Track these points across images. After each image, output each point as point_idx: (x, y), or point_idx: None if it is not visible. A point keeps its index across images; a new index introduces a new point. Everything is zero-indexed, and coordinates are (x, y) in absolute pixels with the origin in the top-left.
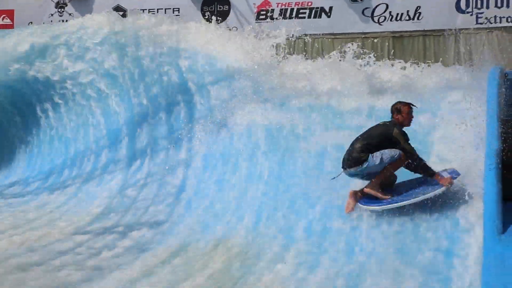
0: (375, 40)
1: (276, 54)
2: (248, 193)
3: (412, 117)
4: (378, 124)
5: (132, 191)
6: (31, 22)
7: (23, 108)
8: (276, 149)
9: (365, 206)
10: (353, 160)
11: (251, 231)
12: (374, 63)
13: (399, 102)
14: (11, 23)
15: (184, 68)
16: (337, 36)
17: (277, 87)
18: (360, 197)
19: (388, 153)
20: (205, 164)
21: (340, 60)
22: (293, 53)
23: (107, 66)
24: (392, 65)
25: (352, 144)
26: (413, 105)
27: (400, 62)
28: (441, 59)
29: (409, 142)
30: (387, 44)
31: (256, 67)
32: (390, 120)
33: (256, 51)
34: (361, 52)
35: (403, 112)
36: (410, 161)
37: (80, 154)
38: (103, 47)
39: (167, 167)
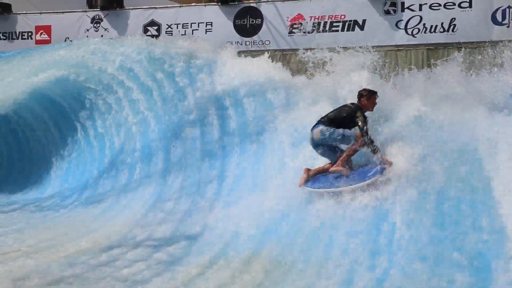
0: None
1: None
2: (280, 206)
3: (376, 103)
4: (346, 104)
5: (167, 203)
6: (68, 38)
7: (59, 121)
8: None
9: (309, 188)
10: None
11: (285, 243)
12: None
13: (365, 89)
14: (49, 38)
15: (218, 82)
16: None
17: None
18: (312, 175)
19: (348, 131)
20: (238, 177)
21: None
22: None
23: (142, 80)
24: None
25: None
26: (377, 94)
27: None
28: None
29: (366, 123)
30: (421, 56)
31: (291, 81)
32: (356, 103)
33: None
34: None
35: (368, 98)
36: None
37: (115, 167)
38: (139, 63)
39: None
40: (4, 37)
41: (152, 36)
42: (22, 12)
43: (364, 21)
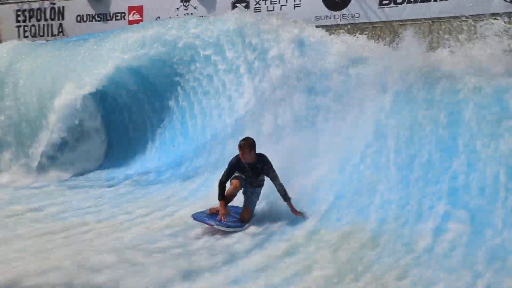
0: None
1: None
2: (374, 183)
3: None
4: None
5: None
6: (159, 17)
7: (154, 99)
8: (401, 139)
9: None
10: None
11: (379, 221)
12: None
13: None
14: (141, 18)
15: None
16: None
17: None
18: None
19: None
20: (330, 152)
21: None
22: None
23: (234, 58)
24: None
25: None
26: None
27: None
28: None
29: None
30: None
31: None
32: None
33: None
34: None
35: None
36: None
37: (208, 143)
38: (231, 40)
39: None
40: (99, 19)
41: None
42: None
43: None
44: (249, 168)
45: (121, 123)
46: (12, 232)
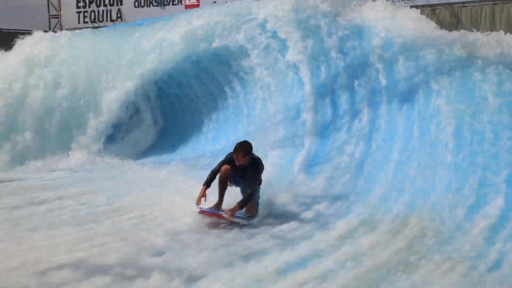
0: None
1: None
2: (432, 168)
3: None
4: None
5: (314, 164)
6: (215, 1)
7: (210, 85)
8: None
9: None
10: None
11: (437, 205)
12: None
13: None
14: (197, 3)
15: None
16: None
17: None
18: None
19: None
20: (387, 137)
21: None
22: None
23: (287, 41)
24: None
25: None
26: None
27: None
28: None
29: None
30: None
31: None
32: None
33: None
34: None
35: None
36: None
37: (261, 129)
38: (284, 23)
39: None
40: (157, 4)
41: None
42: None
43: None
44: (241, 168)
45: (176, 109)
46: (69, 215)
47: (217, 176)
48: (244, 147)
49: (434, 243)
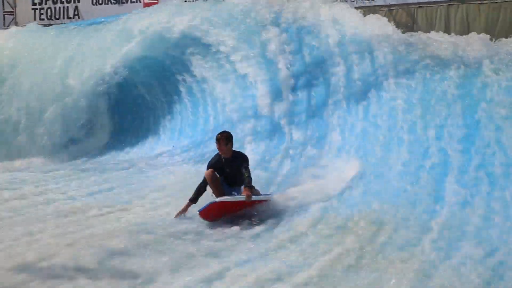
0: None
1: None
2: (387, 166)
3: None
4: None
5: (272, 163)
6: None
7: (166, 85)
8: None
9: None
10: None
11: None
12: None
13: None
14: (156, 1)
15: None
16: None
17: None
18: None
19: None
20: (342, 136)
21: None
22: None
23: (245, 42)
24: None
25: None
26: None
27: None
28: None
29: None
30: None
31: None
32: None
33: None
34: None
35: None
36: None
37: (218, 128)
38: (242, 23)
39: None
40: (115, 1)
41: None
42: None
43: None
44: (227, 164)
45: (133, 107)
46: (22, 215)
47: (207, 185)
48: (225, 135)
49: (388, 241)
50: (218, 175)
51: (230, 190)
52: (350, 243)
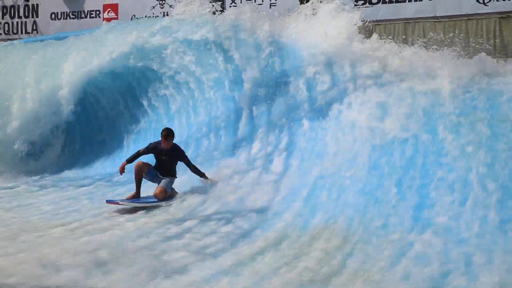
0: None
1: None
2: (345, 184)
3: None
4: None
5: (234, 178)
6: (134, 15)
7: (129, 99)
8: (379, 140)
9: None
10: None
11: (351, 221)
12: None
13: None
14: (116, 16)
15: (284, 56)
16: (440, 19)
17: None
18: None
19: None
20: (305, 151)
21: None
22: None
23: (207, 57)
24: None
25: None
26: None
27: None
28: None
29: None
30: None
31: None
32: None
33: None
34: None
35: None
36: None
37: (182, 142)
38: (202, 38)
39: (267, 156)
40: (74, 16)
41: (216, 11)
42: None
43: None
44: (166, 153)
45: (96, 123)
46: None
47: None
48: (171, 132)
49: (348, 255)
50: (144, 174)
51: (160, 179)
52: (312, 258)
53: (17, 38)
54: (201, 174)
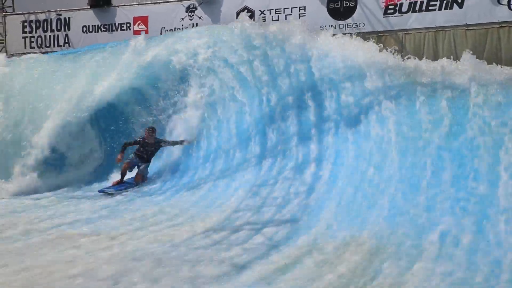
0: None
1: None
2: (379, 191)
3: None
4: None
5: (264, 189)
6: (164, 27)
7: (157, 108)
8: (405, 149)
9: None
10: None
11: (384, 228)
12: None
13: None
14: (146, 28)
15: (314, 67)
16: (470, 28)
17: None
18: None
19: None
20: (334, 163)
21: None
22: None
23: (237, 66)
24: None
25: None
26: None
27: None
28: None
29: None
30: None
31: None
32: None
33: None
34: None
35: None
36: None
37: (212, 153)
38: (233, 49)
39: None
40: (105, 29)
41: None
42: (121, 4)
43: None
44: (149, 145)
45: (120, 134)
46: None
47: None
48: (154, 130)
49: (379, 267)
50: (128, 170)
51: (139, 164)
52: (342, 270)
53: (49, 51)
54: (181, 142)
